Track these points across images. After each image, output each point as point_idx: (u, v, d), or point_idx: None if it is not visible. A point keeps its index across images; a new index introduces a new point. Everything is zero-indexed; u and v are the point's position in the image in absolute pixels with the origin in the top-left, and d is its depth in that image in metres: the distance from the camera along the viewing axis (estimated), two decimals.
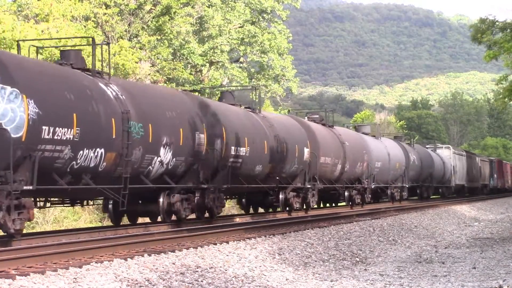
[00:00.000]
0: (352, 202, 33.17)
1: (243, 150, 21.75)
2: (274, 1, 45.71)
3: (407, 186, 41.45)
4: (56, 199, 17.35)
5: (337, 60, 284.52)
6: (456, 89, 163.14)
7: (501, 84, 29.57)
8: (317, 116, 31.78)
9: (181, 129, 18.67)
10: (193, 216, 20.81)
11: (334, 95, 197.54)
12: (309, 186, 27.08)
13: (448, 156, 54.63)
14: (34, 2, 29.23)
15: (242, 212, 27.70)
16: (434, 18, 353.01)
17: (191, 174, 19.40)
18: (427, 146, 55.56)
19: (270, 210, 28.09)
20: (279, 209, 27.21)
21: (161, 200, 18.48)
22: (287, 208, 26.33)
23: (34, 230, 21.18)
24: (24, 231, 19.69)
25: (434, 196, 53.17)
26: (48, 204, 17.39)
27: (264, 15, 46.38)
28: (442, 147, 57.77)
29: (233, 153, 21.13)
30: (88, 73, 16.66)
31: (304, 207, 27.92)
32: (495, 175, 70.55)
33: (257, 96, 26.73)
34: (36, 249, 12.11)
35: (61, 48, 25.99)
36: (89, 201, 19.07)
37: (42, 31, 27.01)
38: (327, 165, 29.38)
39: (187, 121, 19.21)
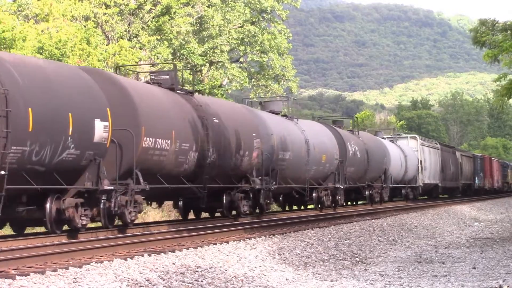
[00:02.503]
0: (236, 210, 22.19)
1: None
2: (274, 1, 45.72)
3: (342, 187, 30.15)
4: None
5: (337, 60, 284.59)
6: (456, 89, 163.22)
7: (499, 82, 29.58)
8: (166, 77, 20.22)
9: None
10: None
11: (334, 95, 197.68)
12: (110, 187, 15.92)
13: (413, 149, 44.04)
14: (34, 2, 29.25)
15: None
16: (434, 18, 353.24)
17: None
18: (384, 136, 43.62)
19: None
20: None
21: None
22: (75, 226, 15.38)
23: (34, 230, 21.15)
24: (25, 231, 19.64)
25: (396, 199, 43.31)
26: None
27: (264, 15, 46.39)
28: (407, 137, 46.77)
29: None
30: None
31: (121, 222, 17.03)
32: (481, 174, 61.83)
33: None
34: (36, 249, 12.11)
35: (61, 48, 26.07)
36: None
37: (42, 31, 27.01)
38: (163, 152, 17.81)
39: None
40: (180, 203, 21.35)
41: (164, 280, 10.42)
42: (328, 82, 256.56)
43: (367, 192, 35.14)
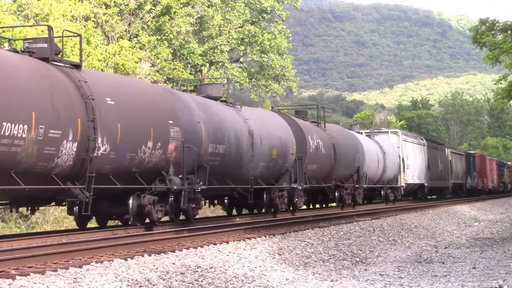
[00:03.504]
0: (148, 216, 17.56)
1: None
2: (274, 1, 45.75)
3: (300, 188, 25.58)
4: None
5: (337, 60, 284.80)
6: (456, 89, 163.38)
7: (500, 84, 29.62)
8: (44, 45, 14.87)
9: None
10: None
11: (334, 95, 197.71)
12: None
13: (394, 145, 39.43)
14: (34, 2, 29.24)
15: None
16: (434, 18, 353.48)
17: None
18: (360, 131, 38.97)
19: None
20: None
21: None
22: None
23: (34, 230, 21.17)
24: (25, 231, 19.70)
25: (376, 201, 39.12)
26: None
27: (264, 15, 46.44)
28: (387, 132, 41.82)
29: None
30: None
31: None
32: (475, 173, 58.01)
33: None
34: (36, 249, 12.10)
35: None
36: None
37: (42, 31, 27.00)
38: (15, 141, 12.89)
39: None
40: (76, 208, 16.84)
41: (164, 280, 10.42)
42: (328, 82, 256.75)
43: (336, 193, 30.25)
